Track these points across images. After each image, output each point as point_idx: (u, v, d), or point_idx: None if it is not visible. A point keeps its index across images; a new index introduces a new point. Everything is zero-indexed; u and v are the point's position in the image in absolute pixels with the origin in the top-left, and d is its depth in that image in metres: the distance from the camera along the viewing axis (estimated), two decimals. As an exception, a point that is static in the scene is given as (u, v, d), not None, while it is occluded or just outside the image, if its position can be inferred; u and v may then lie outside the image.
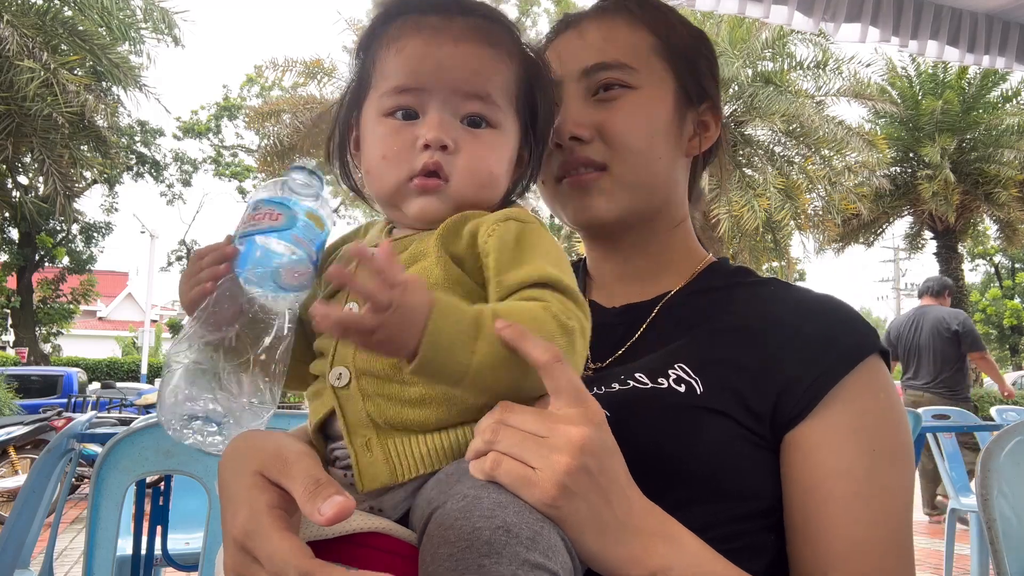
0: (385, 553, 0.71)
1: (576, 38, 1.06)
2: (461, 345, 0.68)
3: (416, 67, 0.83)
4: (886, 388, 0.93)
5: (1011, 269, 33.66)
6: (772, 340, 0.93)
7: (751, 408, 0.89)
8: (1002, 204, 17.82)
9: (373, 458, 0.76)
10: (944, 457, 4.52)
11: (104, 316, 42.48)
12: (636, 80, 1.02)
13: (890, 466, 0.89)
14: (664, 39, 1.06)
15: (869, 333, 0.95)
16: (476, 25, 0.86)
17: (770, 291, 1.02)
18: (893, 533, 0.87)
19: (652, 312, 1.04)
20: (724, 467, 0.88)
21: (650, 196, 1.05)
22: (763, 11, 3.02)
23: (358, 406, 0.77)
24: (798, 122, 15.57)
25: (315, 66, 16.68)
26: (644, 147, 1.02)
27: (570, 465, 0.69)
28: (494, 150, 0.85)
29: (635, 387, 0.93)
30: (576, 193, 1.03)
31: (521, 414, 0.71)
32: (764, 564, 0.88)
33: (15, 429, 7.26)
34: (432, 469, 0.75)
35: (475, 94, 0.83)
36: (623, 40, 1.04)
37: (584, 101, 1.03)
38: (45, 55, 11.88)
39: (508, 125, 0.87)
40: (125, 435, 1.68)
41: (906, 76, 19.16)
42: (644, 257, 1.09)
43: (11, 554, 2.07)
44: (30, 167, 15.39)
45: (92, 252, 26.55)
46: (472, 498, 0.67)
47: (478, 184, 0.84)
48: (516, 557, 0.62)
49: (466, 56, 0.84)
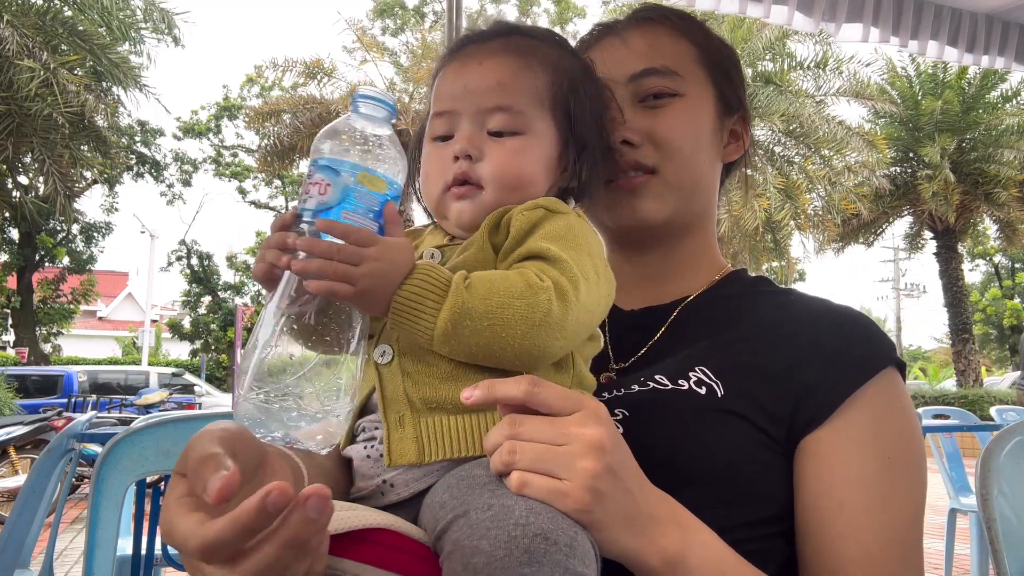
0: (396, 551, 0.71)
1: (620, 45, 1.08)
2: (430, 305, 0.74)
3: (448, 92, 0.92)
4: (901, 399, 0.94)
5: (1011, 269, 33.66)
6: (791, 347, 0.94)
7: (769, 413, 0.90)
8: (1002, 204, 17.83)
9: (404, 434, 0.79)
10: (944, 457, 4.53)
11: (104, 316, 42.48)
12: (683, 87, 1.05)
13: (903, 475, 0.90)
14: (704, 50, 1.09)
15: (887, 345, 0.96)
16: (506, 43, 0.93)
17: (790, 300, 1.04)
18: (904, 542, 0.88)
19: (671, 315, 1.05)
20: (741, 470, 0.88)
21: (694, 200, 1.07)
22: (763, 11, 3.02)
23: (397, 382, 0.80)
24: (798, 122, 15.59)
25: (315, 66, 16.69)
26: (691, 152, 1.05)
27: (596, 469, 0.70)
28: (520, 154, 0.88)
29: (656, 388, 0.94)
30: (627, 196, 1.04)
31: (531, 424, 0.72)
32: (774, 569, 0.89)
33: (15, 429, 7.27)
34: (459, 456, 0.77)
35: (498, 106, 0.89)
36: (668, 49, 1.07)
37: (632, 106, 1.04)
38: (45, 55, 11.88)
39: (539, 129, 0.90)
40: (125, 435, 1.68)
41: (906, 76, 19.17)
42: (669, 261, 1.10)
43: (11, 554, 2.07)
44: (30, 167, 15.39)
45: (92, 252, 26.59)
46: (500, 506, 0.67)
47: (507, 187, 0.88)
48: (558, 565, 0.63)
49: (489, 73, 0.90)
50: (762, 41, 15.41)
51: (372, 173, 0.75)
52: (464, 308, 0.74)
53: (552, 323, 0.76)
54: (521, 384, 0.71)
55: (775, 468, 0.90)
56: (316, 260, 0.71)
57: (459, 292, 0.74)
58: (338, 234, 0.72)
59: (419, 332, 0.75)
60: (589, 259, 0.82)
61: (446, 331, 0.74)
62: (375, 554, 0.70)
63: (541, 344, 0.76)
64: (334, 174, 0.75)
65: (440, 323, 0.74)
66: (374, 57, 19.16)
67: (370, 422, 0.84)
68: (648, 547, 0.74)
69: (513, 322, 0.74)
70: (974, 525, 4.15)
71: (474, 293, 0.75)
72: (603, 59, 1.06)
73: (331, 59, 17.61)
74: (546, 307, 0.75)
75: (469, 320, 0.74)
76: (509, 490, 0.70)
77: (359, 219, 0.74)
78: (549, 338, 0.76)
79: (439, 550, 0.70)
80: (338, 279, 0.71)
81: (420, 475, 0.78)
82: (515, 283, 0.76)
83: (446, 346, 0.75)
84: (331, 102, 16.47)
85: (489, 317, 0.74)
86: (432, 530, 0.71)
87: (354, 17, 33.78)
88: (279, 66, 16.67)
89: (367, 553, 0.70)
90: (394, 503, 0.79)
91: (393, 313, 0.75)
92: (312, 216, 0.74)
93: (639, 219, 1.05)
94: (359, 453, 0.84)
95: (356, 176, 0.75)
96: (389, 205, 0.77)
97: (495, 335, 0.74)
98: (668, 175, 1.04)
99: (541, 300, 0.75)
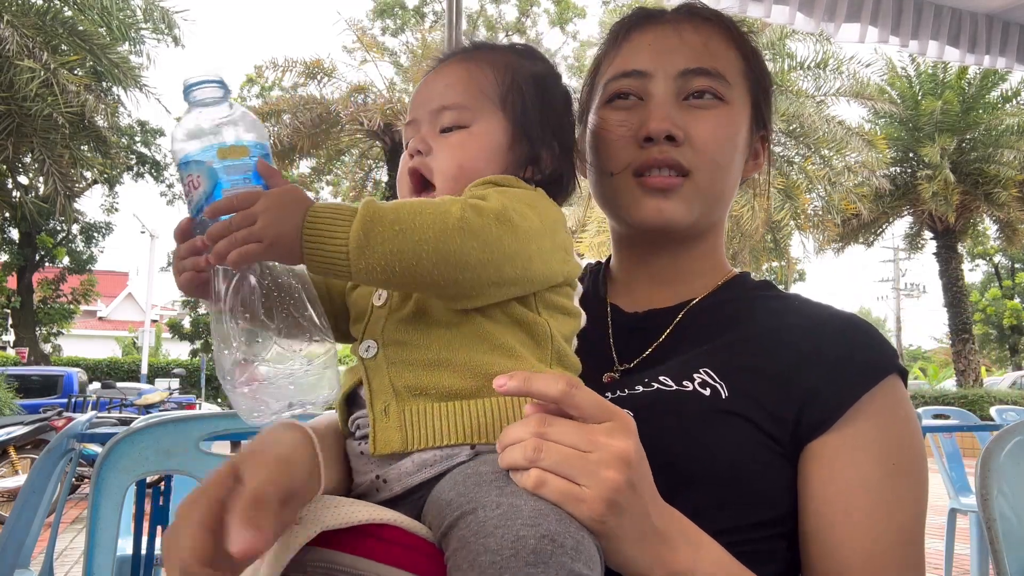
0: (401, 547, 0.71)
1: (674, 35, 1.05)
2: (341, 224, 0.73)
3: (412, 104, 0.99)
4: (904, 405, 0.95)
5: (1011, 269, 33.66)
6: (794, 352, 0.95)
7: (773, 415, 0.90)
8: (1002, 204, 17.83)
9: (388, 423, 0.79)
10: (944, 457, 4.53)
11: (104, 316, 42.49)
12: (729, 95, 1.03)
13: (907, 481, 0.90)
14: (749, 62, 1.08)
15: (889, 352, 0.97)
16: (461, 56, 1.00)
17: (794, 305, 1.04)
18: (908, 545, 0.89)
19: (676, 318, 1.05)
20: (743, 471, 0.88)
21: (716, 209, 1.07)
22: (764, 11, 3.02)
23: (383, 373, 0.82)
24: (798, 122, 15.59)
25: (315, 66, 16.70)
26: (726, 162, 1.03)
27: (618, 481, 0.69)
28: (461, 146, 0.93)
29: (660, 389, 0.94)
30: (655, 195, 1.01)
31: (561, 427, 0.71)
32: (775, 570, 0.89)
33: (15, 429, 7.27)
34: (444, 444, 0.77)
35: (443, 106, 0.94)
36: (722, 54, 1.05)
37: (675, 101, 1.02)
38: (45, 55, 11.88)
39: (485, 122, 0.94)
40: (125, 435, 1.67)
41: (906, 76, 19.18)
42: (678, 265, 1.09)
43: (11, 554, 2.07)
44: (30, 167, 15.39)
45: (92, 252, 26.58)
46: (509, 505, 0.68)
47: (451, 176, 0.91)
48: (563, 567, 0.64)
49: (440, 79, 0.97)
50: (763, 41, 15.41)
51: (228, 145, 0.78)
52: (375, 215, 0.73)
53: (468, 230, 0.75)
54: (559, 383, 0.71)
55: (778, 471, 0.90)
56: (221, 241, 0.73)
57: (368, 205, 0.75)
58: (223, 210, 0.74)
59: (335, 255, 0.73)
60: (530, 208, 0.82)
61: (359, 242, 0.72)
62: (380, 550, 0.70)
63: (456, 250, 0.74)
64: (199, 165, 0.77)
65: (352, 235, 0.72)
66: (374, 57, 19.17)
67: (363, 417, 0.84)
68: (656, 563, 0.74)
69: (424, 227, 0.73)
70: (974, 525, 4.15)
71: (384, 206, 0.75)
72: (651, 44, 1.05)
73: (331, 59, 17.61)
74: (459, 214, 0.75)
75: (380, 227, 0.73)
76: (518, 488, 0.70)
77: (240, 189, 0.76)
78: (465, 245, 0.74)
79: (444, 547, 0.70)
80: (244, 243, 0.72)
81: (413, 470, 0.78)
82: (429, 200, 0.78)
83: (362, 260, 0.73)
84: (331, 102, 16.47)
85: (399, 223, 0.73)
86: (438, 527, 0.71)
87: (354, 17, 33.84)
88: (279, 66, 16.69)
89: (371, 549, 0.70)
90: (389, 499, 0.79)
91: (306, 245, 0.73)
92: (200, 211, 0.77)
93: (664, 220, 1.02)
94: (353, 450, 0.85)
95: (216, 154, 0.77)
96: (260, 162, 0.78)
97: (406, 239, 0.73)
98: (701, 181, 1.01)
99: (452, 208, 0.75)
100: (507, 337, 0.81)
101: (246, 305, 0.76)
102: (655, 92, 1.02)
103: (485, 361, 0.80)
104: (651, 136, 1.00)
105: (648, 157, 1.00)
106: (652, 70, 1.03)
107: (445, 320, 0.81)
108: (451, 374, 0.79)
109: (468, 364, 0.79)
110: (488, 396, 0.79)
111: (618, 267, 1.16)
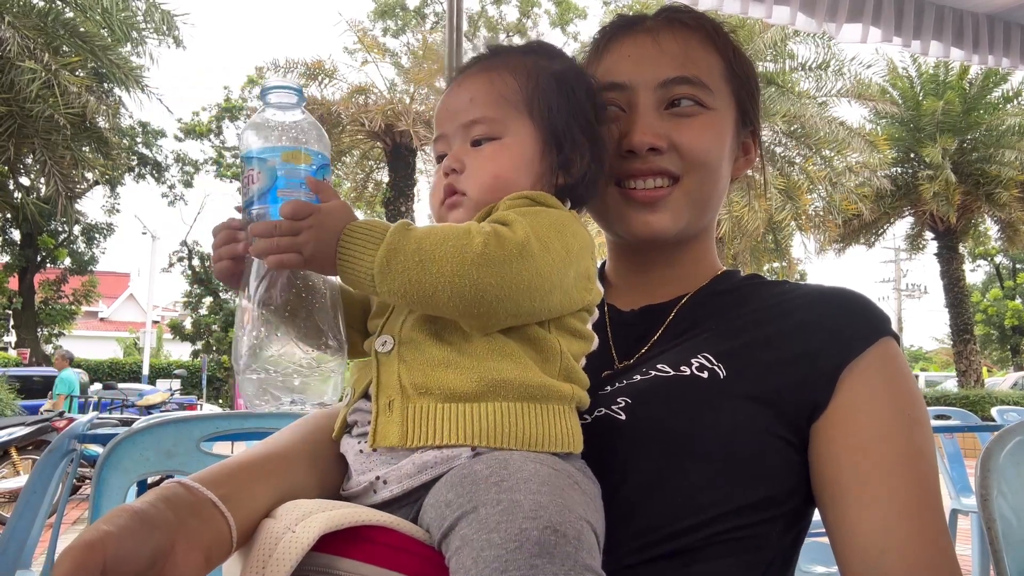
0: (398, 551, 0.71)
1: (652, 44, 1.05)
2: (370, 248, 0.78)
3: (438, 118, 0.99)
4: (904, 360, 0.97)
5: (1012, 269, 33.61)
6: (791, 324, 0.96)
7: (775, 393, 0.91)
8: (1003, 204, 17.82)
9: (390, 418, 0.80)
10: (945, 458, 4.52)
11: (105, 317, 42.50)
12: (711, 101, 1.04)
13: (922, 430, 0.92)
14: (730, 64, 1.08)
15: (883, 317, 0.98)
16: (480, 64, 0.99)
17: (784, 287, 1.06)
18: (934, 494, 0.90)
19: (670, 313, 1.06)
20: (741, 450, 0.89)
21: (705, 213, 1.08)
22: (765, 11, 3.02)
23: (393, 369, 0.82)
24: (799, 123, 15.59)
25: (316, 67, 16.72)
26: (713, 166, 1.04)
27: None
28: (494, 158, 0.92)
29: (657, 376, 0.95)
30: (641, 209, 1.03)
31: None
32: (762, 560, 0.90)
33: (17, 430, 7.27)
34: (442, 443, 0.77)
35: (473, 120, 0.94)
36: (701, 60, 1.05)
37: (657, 111, 1.03)
38: (47, 56, 11.88)
39: (515, 130, 0.93)
40: (126, 436, 1.67)
41: (907, 77, 19.17)
42: (671, 268, 1.11)
43: (13, 555, 2.07)
44: (32, 168, 15.40)
45: (93, 253, 26.53)
46: (509, 501, 0.68)
47: (486, 189, 0.91)
48: (568, 557, 0.65)
49: (464, 92, 0.96)
50: (764, 42, 15.39)
51: (294, 150, 0.82)
52: (398, 245, 0.77)
53: (487, 263, 0.75)
54: None
55: (777, 451, 0.91)
56: (263, 240, 0.79)
57: (396, 232, 0.78)
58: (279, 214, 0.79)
59: (363, 276, 0.78)
60: (558, 236, 0.82)
61: (381, 268, 0.76)
62: (377, 554, 0.70)
63: (473, 284, 0.75)
64: (261, 162, 0.81)
65: (377, 261, 0.76)
66: (375, 58, 19.18)
67: (363, 416, 0.84)
68: None
69: (444, 259, 0.75)
70: (975, 526, 4.14)
71: (411, 233, 0.78)
72: (631, 55, 1.05)
73: (332, 60, 17.63)
74: (480, 247, 0.76)
75: (402, 255, 0.76)
76: (516, 485, 0.70)
77: (294, 194, 0.81)
78: (483, 280, 0.75)
79: (445, 548, 0.70)
80: (284, 251, 0.78)
81: (414, 471, 0.78)
82: (455, 228, 0.79)
83: (384, 285, 0.77)
84: (332, 103, 16.49)
85: (420, 253, 0.76)
86: (438, 528, 0.71)
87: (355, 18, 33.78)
88: (280, 67, 16.69)
89: (368, 553, 0.70)
90: (386, 500, 0.79)
91: (340, 263, 0.79)
92: (252, 205, 0.81)
93: (652, 233, 1.04)
94: (352, 448, 0.84)
95: (280, 157, 0.81)
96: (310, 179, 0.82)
97: (424, 270, 0.75)
98: (690, 187, 1.03)
99: (475, 240, 0.76)
100: (518, 349, 0.82)
101: (275, 299, 0.81)
102: (636, 104, 1.03)
103: (492, 367, 0.80)
104: (633, 150, 1.01)
105: (631, 167, 1.02)
106: (632, 82, 1.03)
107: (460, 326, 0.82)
108: (457, 375, 0.79)
109: (475, 368, 0.80)
110: (492, 400, 0.79)
111: (613, 271, 1.18)
